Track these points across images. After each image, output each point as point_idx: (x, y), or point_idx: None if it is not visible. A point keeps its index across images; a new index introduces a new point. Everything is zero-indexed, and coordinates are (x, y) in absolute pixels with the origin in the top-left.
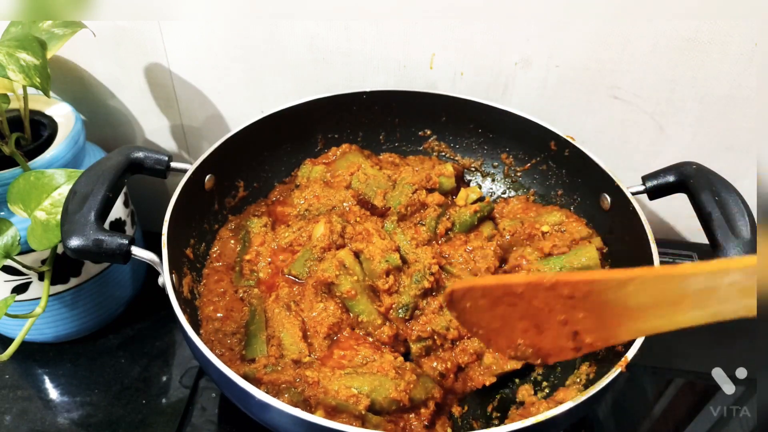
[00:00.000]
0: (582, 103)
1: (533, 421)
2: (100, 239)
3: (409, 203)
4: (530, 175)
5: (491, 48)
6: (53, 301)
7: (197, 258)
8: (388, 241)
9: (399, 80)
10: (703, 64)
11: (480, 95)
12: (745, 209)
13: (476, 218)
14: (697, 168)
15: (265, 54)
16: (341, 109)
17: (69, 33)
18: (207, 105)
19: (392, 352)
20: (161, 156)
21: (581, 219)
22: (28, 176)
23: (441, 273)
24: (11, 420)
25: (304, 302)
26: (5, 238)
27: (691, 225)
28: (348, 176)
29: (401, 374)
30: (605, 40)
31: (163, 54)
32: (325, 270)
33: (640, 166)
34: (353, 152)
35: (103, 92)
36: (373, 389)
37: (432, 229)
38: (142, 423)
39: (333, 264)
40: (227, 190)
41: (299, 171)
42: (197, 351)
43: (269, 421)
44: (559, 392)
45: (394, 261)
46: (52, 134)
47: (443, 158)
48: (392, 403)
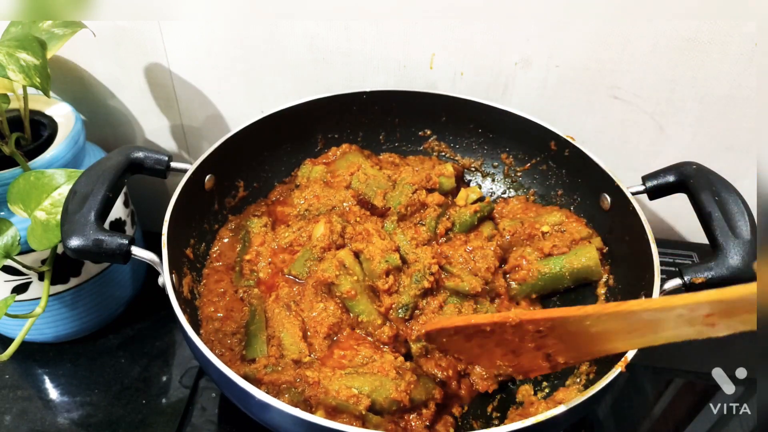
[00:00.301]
0: (582, 103)
1: (533, 421)
2: (100, 239)
3: (409, 203)
4: (530, 175)
5: (491, 48)
6: (53, 301)
7: (197, 258)
8: (387, 241)
9: (399, 80)
10: (703, 64)
11: (480, 95)
12: (745, 209)
13: (476, 218)
14: (697, 168)
15: (265, 54)
16: (341, 109)
17: (69, 33)
18: (207, 105)
19: (393, 352)
20: (161, 156)
21: (581, 219)
22: (28, 176)
23: (441, 273)
24: (11, 420)
25: (304, 302)
26: (5, 238)
27: (691, 225)
28: (348, 176)
29: (402, 374)
30: (605, 40)
31: (163, 54)
32: (325, 270)
33: (640, 166)
34: (353, 152)
35: (103, 92)
36: (374, 389)
37: (432, 229)
38: (142, 423)
39: (333, 264)
40: (227, 190)
41: (299, 171)
42: (197, 351)
43: (269, 422)
44: (559, 392)
45: (393, 261)
46: (52, 134)
47: (443, 158)
48: (393, 404)
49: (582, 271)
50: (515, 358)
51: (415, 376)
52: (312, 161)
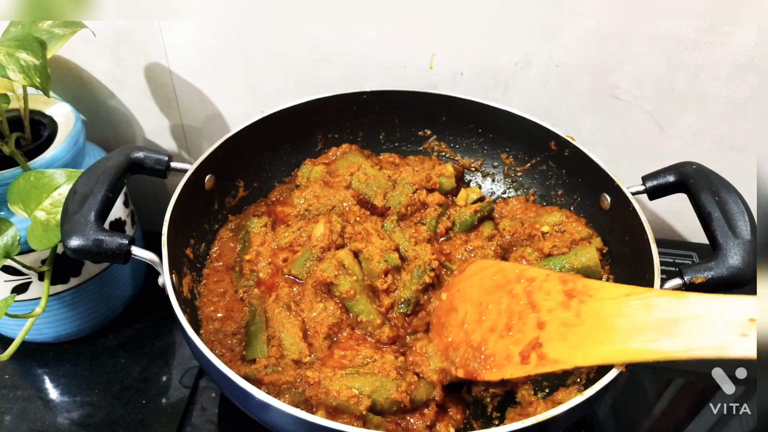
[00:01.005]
0: (582, 103)
1: (533, 421)
2: (100, 239)
3: (409, 203)
4: (530, 175)
5: (491, 48)
6: (53, 301)
7: (197, 258)
8: (387, 241)
9: (399, 80)
10: (703, 64)
11: (480, 95)
12: (745, 209)
13: (476, 218)
14: (697, 168)
15: (266, 54)
16: (341, 109)
17: (69, 33)
18: (207, 105)
19: (394, 352)
20: (161, 156)
21: (581, 219)
22: (28, 176)
23: (441, 269)
24: (11, 420)
25: (304, 302)
26: (5, 238)
27: (691, 225)
28: (348, 176)
29: (402, 375)
30: (605, 40)
31: (163, 54)
32: (324, 270)
33: (640, 166)
34: (353, 152)
35: (103, 92)
36: (374, 390)
37: (432, 228)
38: (142, 423)
39: (332, 264)
40: (227, 190)
41: (299, 171)
42: (198, 351)
43: (270, 422)
44: (559, 392)
45: (393, 261)
46: (52, 134)
47: (443, 158)
48: (393, 404)
49: (582, 272)
50: (498, 338)
51: (416, 377)
52: (312, 161)
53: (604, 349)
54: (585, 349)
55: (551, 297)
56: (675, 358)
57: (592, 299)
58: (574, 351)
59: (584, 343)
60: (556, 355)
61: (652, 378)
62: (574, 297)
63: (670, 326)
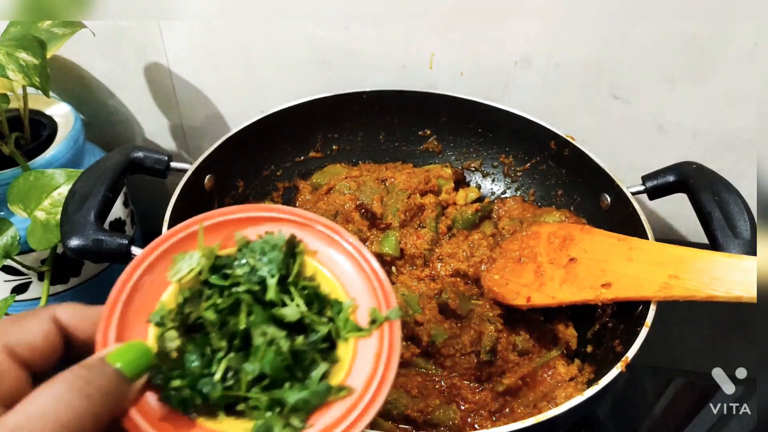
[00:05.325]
0: (582, 103)
1: (533, 421)
2: (100, 239)
3: (406, 208)
4: (530, 175)
5: (491, 48)
6: (53, 301)
7: None
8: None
9: (399, 80)
10: (703, 64)
11: (480, 95)
12: (745, 209)
13: (477, 217)
14: (697, 168)
15: (265, 54)
16: (341, 109)
17: (69, 33)
18: (207, 105)
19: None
20: (161, 156)
21: (581, 219)
22: (28, 176)
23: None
24: None
25: None
26: (5, 238)
27: (691, 225)
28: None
29: (425, 394)
30: (605, 40)
31: (163, 54)
32: None
33: (640, 166)
34: (333, 166)
35: (103, 92)
36: (389, 401)
37: (434, 229)
38: None
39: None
40: (227, 190)
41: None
42: None
43: None
44: (560, 391)
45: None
46: (52, 134)
47: (443, 158)
48: (405, 420)
49: None
50: (536, 280)
51: (438, 401)
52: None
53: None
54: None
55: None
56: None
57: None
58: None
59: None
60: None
61: (652, 378)
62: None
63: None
